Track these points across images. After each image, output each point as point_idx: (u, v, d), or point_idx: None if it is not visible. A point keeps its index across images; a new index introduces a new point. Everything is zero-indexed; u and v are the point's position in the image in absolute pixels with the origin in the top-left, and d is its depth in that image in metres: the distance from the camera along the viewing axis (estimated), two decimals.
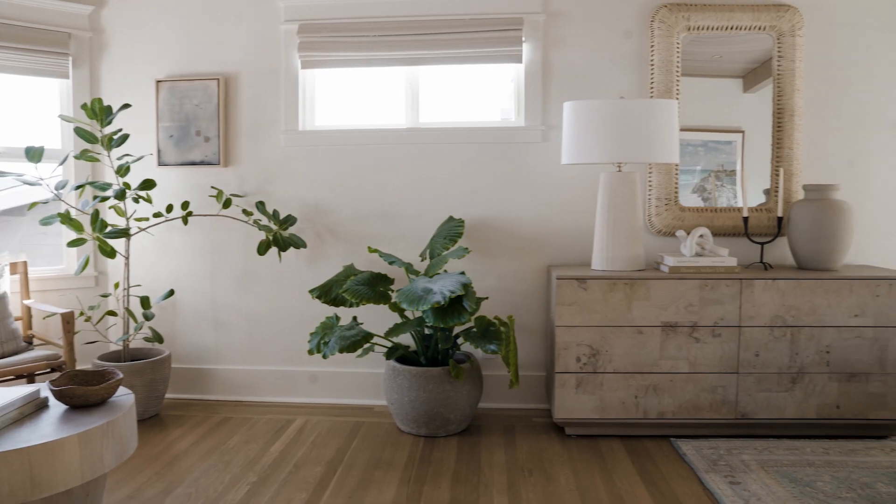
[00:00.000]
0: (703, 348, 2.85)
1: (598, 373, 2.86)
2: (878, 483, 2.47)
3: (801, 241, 3.02)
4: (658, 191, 3.26)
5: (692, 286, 2.83)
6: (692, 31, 3.22)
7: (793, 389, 2.87)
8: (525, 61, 3.29)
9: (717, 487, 2.42)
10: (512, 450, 2.82)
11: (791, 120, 3.24)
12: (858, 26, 3.32)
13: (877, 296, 2.84)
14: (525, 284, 3.37)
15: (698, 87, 3.29)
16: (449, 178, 3.36)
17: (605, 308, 2.83)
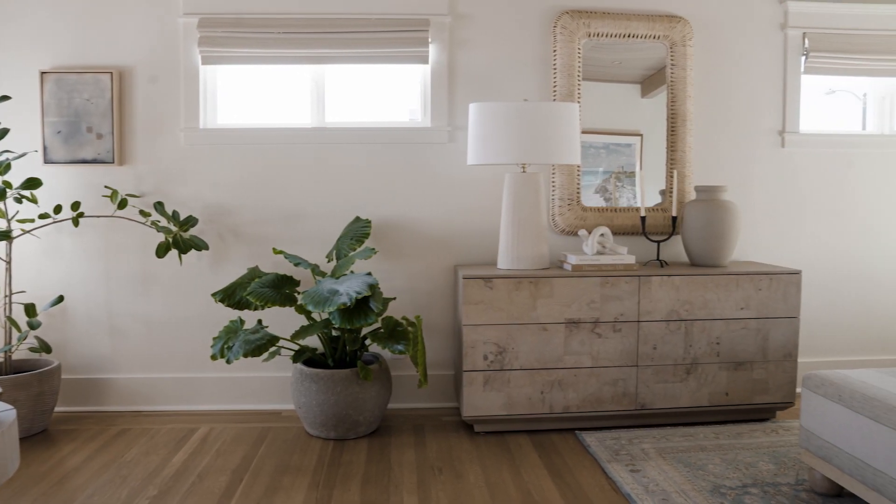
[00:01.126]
0: (604, 343, 2.96)
1: (504, 370, 2.91)
2: (760, 462, 2.65)
3: (693, 240, 3.19)
4: (561, 191, 3.36)
5: (594, 283, 2.94)
6: (592, 37, 3.34)
7: (687, 379, 3.03)
8: (431, 62, 3.31)
9: (618, 476, 2.52)
10: (422, 449, 2.84)
11: (684, 125, 3.42)
12: (742, 38, 3.54)
13: (759, 289, 3.04)
14: (432, 284, 3.39)
15: (600, 91, 3.41)
16: (356, 179, 3.34)
17: (511, 306, 2.89)
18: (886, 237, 3.77)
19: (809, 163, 3.66)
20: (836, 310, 3.75)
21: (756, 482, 2.47)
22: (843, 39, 3.59)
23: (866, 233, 3.75)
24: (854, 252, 3.74)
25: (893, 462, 1.97)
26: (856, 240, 3.74)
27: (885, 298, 3.80)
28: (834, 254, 3.72)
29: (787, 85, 3.59)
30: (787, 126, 3.60)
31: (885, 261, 3.78)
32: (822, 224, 3.70)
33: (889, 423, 1.99)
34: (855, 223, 3.73)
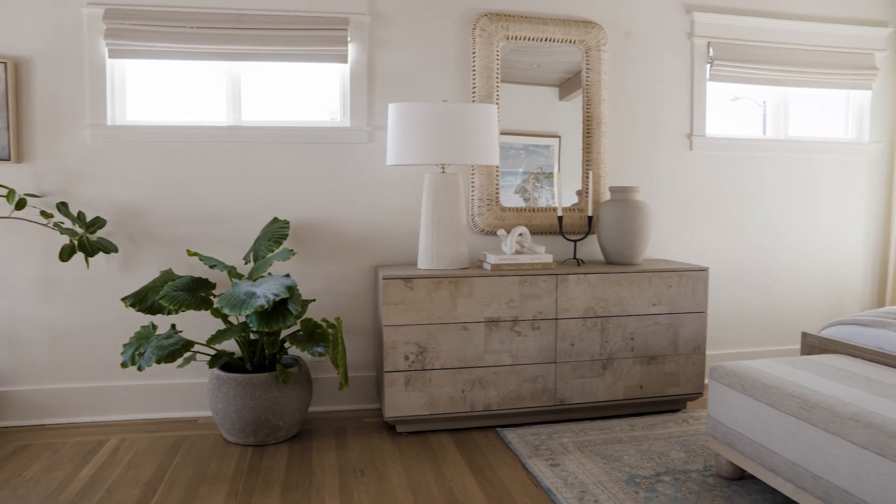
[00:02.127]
0: (524, 341, 3.02)
1: (426, 370, 2.92)
2: (672, 451, 2.76)
3: (608, 239, 3.29)
4: (480, 191, 3.40)
5: (513, 282, 2.99)
6: (511, 40, 3.39)
7: (604, 374, 3.13)
8: (351, 62, 3.28)
9: (539, 471, 2.57)
10: (344, 452, 2.81)
11: (598, 127, 3.53)
12: (653, 45, 3.68)
13: (670, 286, 3.17)
14: (352, 285, 3.36)
15: (519, 93, 3.47)
16: (274, 179, 3.27)
17: (431, 306, 2.91)
18: (784, 235, 4.01)
19: (715, 165, 3.84)
20: (741, 304, 3.96)
21: (668, 470, 2.57)
22: (744, 50, 3.79)
23: (766, 231, 3.97)
24: (755, 249, 3.96)
25: (788, 444, 2.10)
26: (757, 238, 3.96)
27: (784, 293, 4.04)
28: (737, 251, 3.93)
29: (694, 91, 3.76)
30: (694, 130, 3.77)
31: (782, 257, 4.02)
32: (727, 223, 3.89)
33: (784, 409, 2.12)
34: (756, 222, 3.95)
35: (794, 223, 4.02)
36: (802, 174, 4.01)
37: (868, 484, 1.81)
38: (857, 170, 4.12)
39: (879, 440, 1.79)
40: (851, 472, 1.86)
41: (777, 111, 4.04)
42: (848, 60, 3.98)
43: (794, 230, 4.03)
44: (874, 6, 4.06)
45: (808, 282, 4.08)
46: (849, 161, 4.10)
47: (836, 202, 4.10)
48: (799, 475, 2.05)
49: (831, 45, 3.95)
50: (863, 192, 4.15)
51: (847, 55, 3.98)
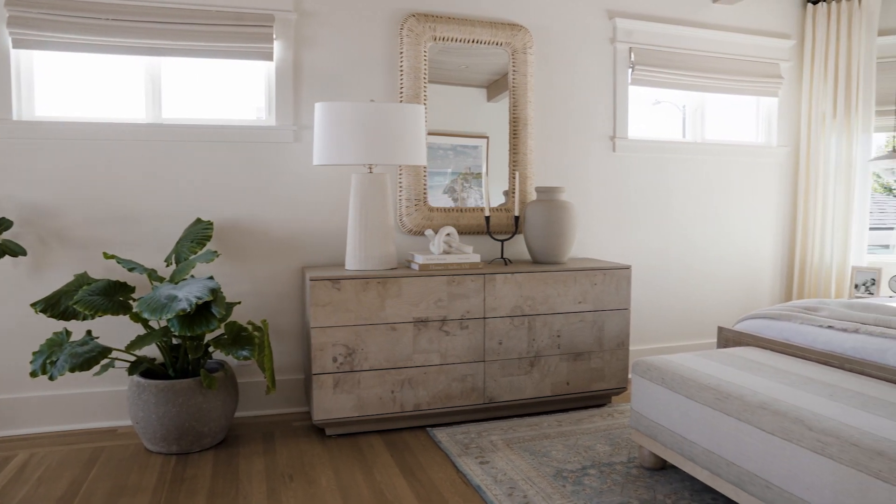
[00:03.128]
0: (452, 340, 3.04)
1: (354, 371, 2.90)
2: (598, 444, 2.84)
3: (534, 238, 3.35)
4: (408, 192, 3.40)
5: (441, 282, 3.00)
6: (439, 41, 3.41)
7: (531, 372, 3.18)
8: (276, 59, 3.22)
9: (469, 469, 2.59)
10: (272, 457, 2.75)
11: (525, 128, 3.59)
12: (578, 49, 3.78)
13: (595, 284, 3.26)
14: (280, 287, 3.30)
15: (448, 94, 3.49)
16: (197, 179, 3.17)
17: (360, 307, 2.89)
18: (701, 233, 4.19)
19: (637, 166, 3.98)
20: (662, 300, 4.11)
21: (594, 463, 2.64)
22: (663, 56, 3.94)
23: (685, 230, 4.14)
24: (675, 247, 4.12)
25: (705, 434, 2.19)
26: (676, 236, 4.12)
27: (702, 289, 4.22)
28: (658, 249, 4.07)
29: (616, 94, 3.87)
30: (617, 132, 3.88)
31: (700, 255, 4.20)
32: (648, 222, 4.03)
33: (701, 400, 2.21)
34: (675, 221, 4.11)
35: (710, 222, 4.20)
36: (718, 175, 4.20)
37: (775, 467, 1.91)
38: (767, 172, 4.35)
39: (784, 426, 1.89)
40: (761, 457, 1.96)
41: (694, 115, 4.22)
42: (757, 69, 4.19)
43: (711, 229, 4.21)
44: (779, 20, 4.29)
45: (723, 278, 4.28)
46: (759, 164, 4.31)
47: (749, 202, 4.31)
48: (714, 462, 2.15)
49: (743, 54, 4.15)
50: (772, 193, 4.38)
51: (756, 64, 4.19)
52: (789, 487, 1.86)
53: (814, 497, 1.78)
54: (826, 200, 4.28)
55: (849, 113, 4.21)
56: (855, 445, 1.70)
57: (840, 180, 4.25)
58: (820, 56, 4.26)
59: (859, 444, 1.69)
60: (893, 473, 1.59)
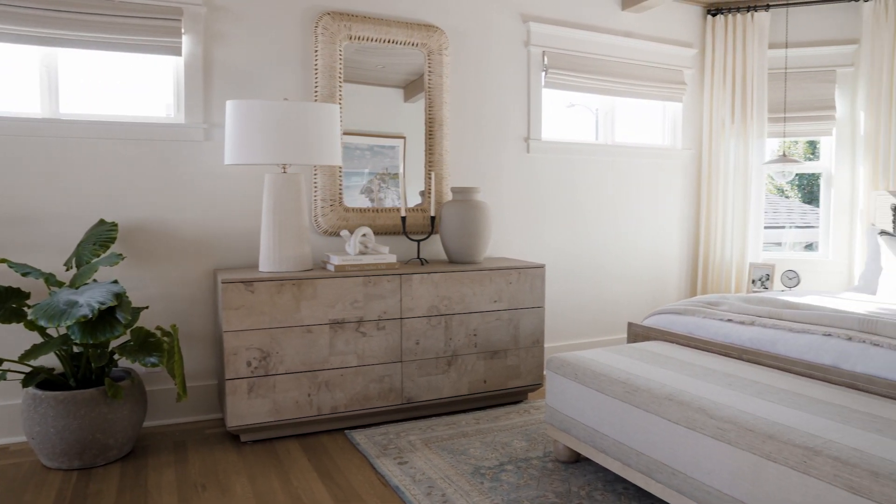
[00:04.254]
0: (369, 341, 3.02)
1: (269, 375, 2.84)
2: (515, 441, 2.89)
3: (450, 238, 3.38)
4: (323, 192, 3.35)
5: (357, 283, 2.98)
6: (354, 40, 3.38)
7: (449, 371, 3.21)
8: (185, 55, 3.10)
9: (387, 470, 2.58)
10: (183, 467, 2.65)
11: (441, 129, 3.61)
12: (493, 51, 3.83)
13: (510, 283, 3.32)
14: (191, 290, 3.18)
15: (365, 94, 3.46)
16: (100, 177, 3.02)
17: (274, 309, 2.83)
18: (612, 232, 4.34)
19: (550, 167, 4.07)
20: (575, 298, 4.22)
21: (511, 459, 2.68)
22: (576, 60, 4.05)
23: (596, 229, 4.27)
24: (587, 246, 4.25)
25: (616, 426, 2.27)
26: (588, 235, 4.25)
27: (613, 286, 4.37)
28: (571, 248, 4.19)
29: (530, 96, 3.96)
30: (531, 133, 3.97)
31: (611, 253, 4.35)
32: (561, 221, 4.14)
33: (612, 394, 2.29)
34: (587, 221, 4.24)
35: (620, 221, 4.36)
36: (627, 176, 4.36)
37: (680, 455, 2.00)
38: (673, 173, 4.55)
39: (688, 415, 1.98)
40: (667, 446, 2.05)
41: (605, 118, 4.36)
42: (663, 75, 4.38)
43: (621, 228, 4.37)
44: (683, 29, 4.50)
45: (633, 275, 4.45)
46: (666, 165, 4.51)
47: (656, 203, 4.50)
48: (625, 453, 2.23)
49: (649, 60, 4.33)
50: (678, 194, 4.59)
51: (662, 70, 4.38)
52: (693, 473, 1.95)
53: (714, 480, 1.88)
54: (726, 201, 4.52)
55: (745, 119, 4.46)
56: (750, 431, 1.80)
57: (738, 182, 4.51)
58: (719, 65, 4.50)
59: (754, 429, 1.80)
60: (783, 454, 1.70)
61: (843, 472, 1.57)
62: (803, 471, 1.64)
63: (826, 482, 1.59)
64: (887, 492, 1.48)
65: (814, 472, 1.62)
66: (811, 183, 6.19)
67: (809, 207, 6.77)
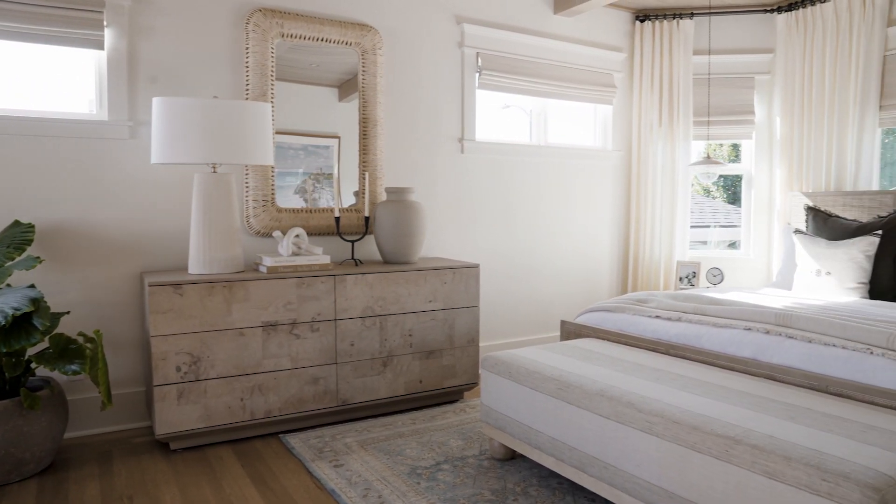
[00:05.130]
0: (303, 343, 2.98)
1: (200, 380, 2.76)
2: (451, 440, 2.90)
3: (384, 238, 3.36)
4: (255, 192, 3.29)
5: (290, 285, 2.93)
6: (286, 38, 3.32)
7: (384, 372, 3.19)
8: (108, 48, 2.99)
9: (323, 473, 2.56)
10: (108, 479, 2.55)
11: (374, 129, 3.59)
12: (427, 52, 3.84)
13: (444, 283, 3.33)
14: (116, 294, 3.06)
15: (299, 92, 3.41)
16: (14, 176, 2.86)
17: (204, 313, 2.75)
18: (545, 232, 4.42)
19: (484, 167, 4.11)
20: (510, 297, 4.28)
21: (447, 459, 2.69)
22: (509, 62, 4.11)
23: (530, 228, 4.34)
24: (521, 245, 4.31)
25: (549, 422, 2.31)
26: (522, 235, 4.31)
27: (546, 284, 4.45)
28: (506, 247, 4.24)
29: (464, 97, 3.99)
30: (465, 134, 4.00)
31: (545, 252, 4.42)
32: (496, 221, 4.19)
33: (545, 391, 2.33)
34: (521, 220, 4.30)
35: (553, 221, 4.44)
36: (560, 177, 4.45)
37: (611, 448, 2.05)
38: (604, 174, 4.67)
39: (618, 410, 2.04)
40: (599, 440, 2.10)
41: (538, 120, 4.44)
42: (594, 78, 4.49)
43: (554, 227, 4.45)
44: (613, 34, 4.63)
45: (566, 274, 4.54)
46: (597, 166, 4.62)
47: (588, 202, 4.60)
48: (559, 449, 2.27)
49: (581, 64, 4.43)
50: (608, 194, 4.71)
51: (593, 73, 4.49)
52: (623, 466, 2.01)
53: (643, 472, 1.94)
54: (654, 201, 4.67)
55: (672, 122, 4.62)
56: (676, 423, 1.87)
57: (666, 183, 4.66)
58: (647, 69, 4.64)
59: (680, 421, 1.86)
60: (706, 444, 1.76)
61: (760, 459, 1.64)
62: (725, 459, 1.71)
63: (745, 469, 1.67)
64: (797, 475, 1.56)
65: (735, 460, 1.69)
66: (734, 184, 6.47)
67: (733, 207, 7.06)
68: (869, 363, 2.17)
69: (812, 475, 1.54)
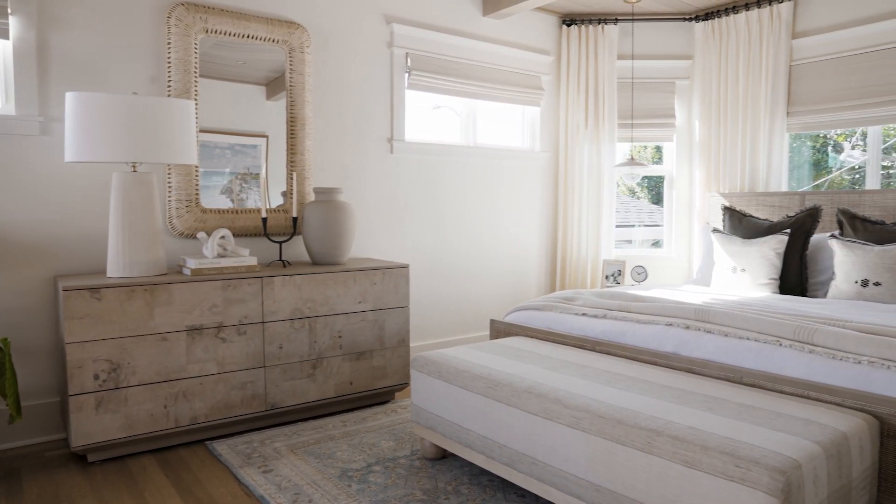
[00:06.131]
0: (230, 347, 2.90)
1: (120, 388, 2.65)
2: (382, 441, 2.89)
3: (313, 239, 3.32)
4: (178, 192, 3.18)
5: (216, 287, 2.85)
6: (211, 33, 3.23)
7: (314, 374, 3.15)
8: (14, 38, 2.83)
9: (251, 480, 2.50)
10: (17, 497, 2.41)
11: (303, 128, 3.54)
12: (356, 51, 3.81)
13: (374, 283, 3.32)
14: (26, 300, 2.90)
15: (226, 90, 3.32)
16: None
17: (124, 318, 2.64)
18: (475, 232, 4.46)
19: (414, 168, 4.12)
20: (440, 297, 4.30)
21: (379, 460, 2.68)
22: (439, 63, 4.12)
23: (460, 228, 4.37)
24: (451, 245, 4.34)
25: (479, 421, 2.33)
26: (452, 234, 4.34)
27: (476, 284, 4.49)
28: (436, 247, 4.26)
29: (394, 97, 3.98)
30: (394, 134, 3.99)
31: (475, 252, 4.47)
32: (426, 222, 4.20)
33: (475, 390, 2.35)
34: (451, 220, 4.32)
35: (483, 221, 4.49)
36: (489, 178, 4.50)
37: (539, 444, 2.09)
38: (532, 175, 4.75)
39: (546, 406, 2.08)
40: (528, 437, 2.13)
41: (467, 121, 4.47)
42: (522, 80, 4.56)
43: (484, 227, 4.50)
44: (540, 37, 4.71)
45: (496, 273, 4.59)
46: (525, 167, 4.70)
47: (517, 203, 4.68)
48: (489, 447, 2.30)
49: (509, 66, 4.49)
50: (536, 194, 4.80)
51: (521, 76, 4.56)
52: (551, 461, 2.05)
53: (571, 467, 1.98)
54: (581, 201, 4.79)
55: (598, 124, 4.75)
56: (601, 417, 1.92)
57: (592, 183, 4.79)
58: (574, 72, 4.75)
59: (605, 415, 1.92)
60: (630, 437, 1.82)
61: (680, 450, 1.71)
62: (648, 451, 1.77)
63: (667, 459, 1.73)
64: (714, 462, 1.64)
65: (656, 452, 1.76)
66: (658, 185, 6.70)
67: (656, 207, 7.30)
68: (778, 354, 2.29)
69: (727, 462, 1.61)
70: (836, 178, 4.48)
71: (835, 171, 4.52)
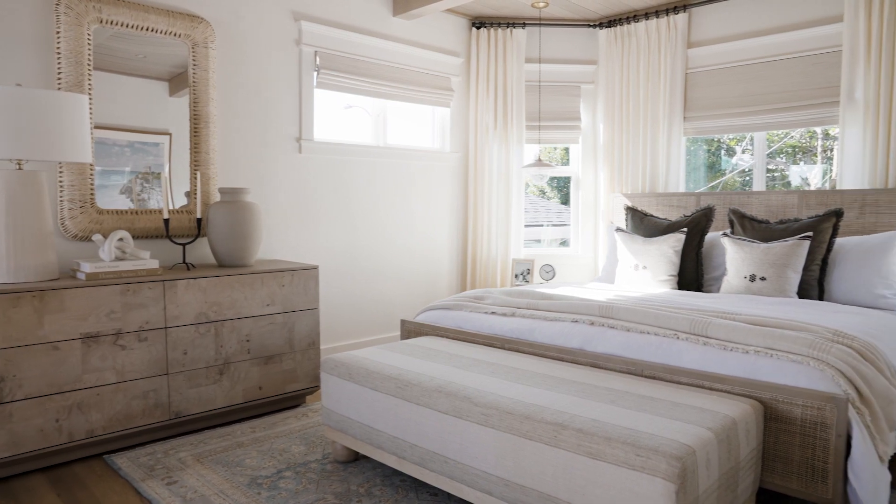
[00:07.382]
0: (130, 355, 2.77)
1: (5, 403, 2.47)
2: (293, 446, 2.84)
3: (219, 241, 3.22)
4: (71, 192, 3.01)
5: (113, 292, 2.71)
6: (105, 24, 3.07)
7: (221, 380, 3.05)
8: None
9: (154, 493, 2.39)
10: None
11: (207, 126, 3.42)
12: (263, 48, 3.72)
13: (283, 285, 3.25)
14: None
15: (125, 85, 3.16)
16: None
17: (10, 326, 2.47)
18: (386, 232, 4.45)
19: (324, 167, 4.06)
20: (351, 298, 4.26)
21: (290, 465, 2.63)
22: (348, 62, 4.08)
23: (371, 229, 4.35)
24: (362, 246, 4.31)
25: (390, 421, 2.33)
26: (363, 235, 4.31)
27: (388, 284, 4.48)
28: (346, 248, 4.22)
29: (302, 96, 3.91)
30: (303, 134, 3.92)
31: (386, 252, 4.46)
32: (336, 222, 4.15)
33: (385, 390, 2.35)
34: (362, 221, 4.30)
35: (393, 221, 4.48)
36: (400, 178, 4.50)
37: (450, 443, 2.11)
38: (443, 175, 4.79)
39: (456, 405, 2.10)
40: (439, 436, 2.15)
41: (378, 121, 4.46)
42: (432, 81, 4.59)
43: (394, 227, 4.49)
44: (450, 38, 4.76)
45: (407, 273, 4.60)
46: (436, 167, 4.73)
47: (428, 203, 4.70)
48: (400, 447, 2.30)
49: (420, 66, 4.51)
50: (447, 195, 4.84)
51: (431, 77, 4.59)
52: (462, 459, 2.07)
53: (481, 464, 2.01)
54: (491, 201, 4.87)
55: (506, 126, 4.84)
56: (510, 413, 1.96)
57: (501, 184, 4.87)
58: (483, 74, 4.83)
59: (513, 412, 1.96)
60: (538, 432, 1.87)
61: (584, 442, 1.77)
62: (554, 444, 1.83)
63: (572, 452, 1.79)
64: (616, 453, 1.70)
65: (562, 445, 1.81)
66: (566, 185, 6.90)
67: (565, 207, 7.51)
68: (676, 347, 2.42)
69: (629, 452, 1.68)
70: (729, 179, 4.76)
71: (728, 174, 4.80)
